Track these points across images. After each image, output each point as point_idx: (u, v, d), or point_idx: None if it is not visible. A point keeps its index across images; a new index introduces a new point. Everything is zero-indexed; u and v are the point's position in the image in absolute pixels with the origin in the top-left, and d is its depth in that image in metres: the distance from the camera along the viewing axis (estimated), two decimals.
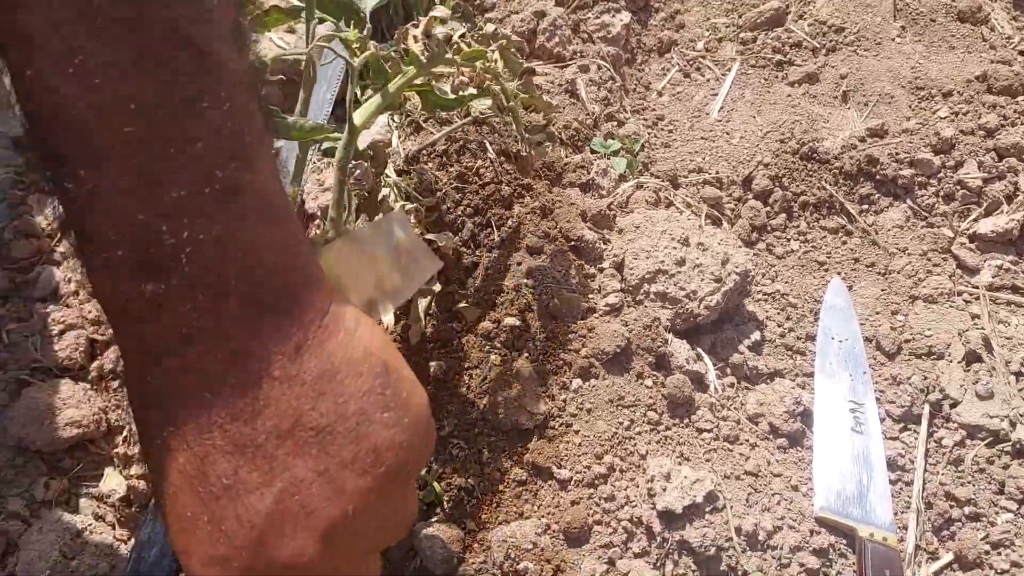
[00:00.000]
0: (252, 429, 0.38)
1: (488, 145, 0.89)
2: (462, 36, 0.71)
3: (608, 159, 0.97)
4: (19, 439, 0.76)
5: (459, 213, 0.87)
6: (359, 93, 0.72)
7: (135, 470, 0.78)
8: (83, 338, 0.82)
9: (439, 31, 0.70)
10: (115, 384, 0.82)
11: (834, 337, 0.87)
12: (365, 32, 0.68)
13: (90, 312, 0.85)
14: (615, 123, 1.05)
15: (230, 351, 0.37)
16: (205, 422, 0.37)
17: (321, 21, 0.71)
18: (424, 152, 0.91)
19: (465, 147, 0.89)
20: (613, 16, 1.15)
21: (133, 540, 0.70)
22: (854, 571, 0.73)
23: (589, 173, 0.93)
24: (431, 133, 0.92)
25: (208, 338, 0.37)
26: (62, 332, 0.82)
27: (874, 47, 1.17)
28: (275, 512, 0.39)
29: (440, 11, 0.72)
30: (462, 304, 0.84)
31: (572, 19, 1.12)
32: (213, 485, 0.38)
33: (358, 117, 0.68)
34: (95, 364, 0.82)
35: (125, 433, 0.80)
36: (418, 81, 0.70)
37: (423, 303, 0.85)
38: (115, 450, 0.78)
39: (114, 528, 0.75)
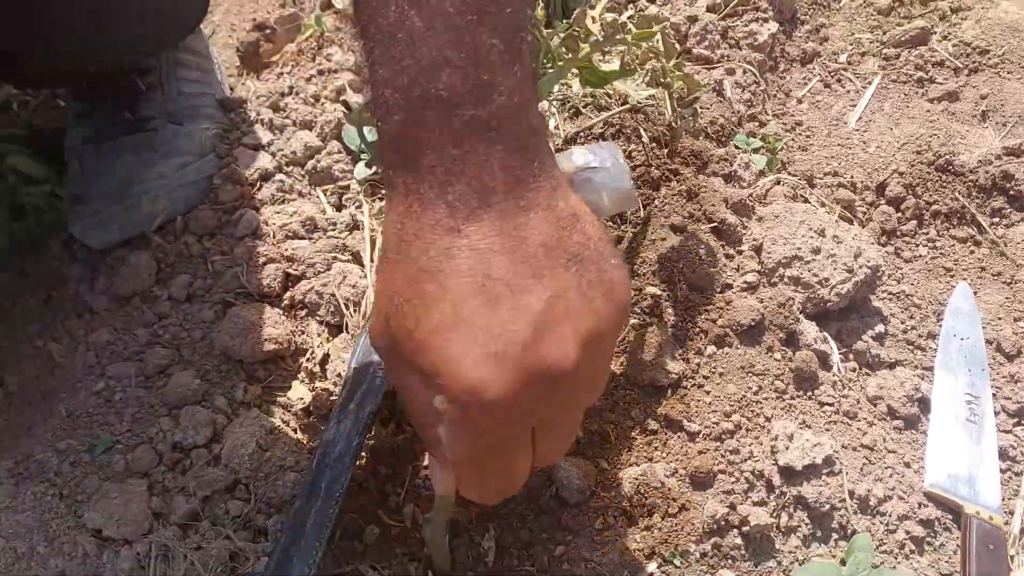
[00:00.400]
0: (525, 242, 0.47)
1: (642, 131, 0.98)
2: (630, 18, 0.81)
3: (750, 155, 1.04)
4: (224, 349, 0.90)
5: None
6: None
7: (317, 384, 0.90)
8: (280, 271, 0.96)
9: (610, 16, 0.80)
10: (303, 312, 0.94)
11: (956, 335, 0.91)
12: (543, 12, 0.79)
13: (286, 250, 0.98)
14: (757, 123, 1.12)
15: (513, 176, 0.47)
16: (488, 230, 0.47)
17: None
18: (582, 134, 1.00)
19: (620, 131, 0.98)
20: (761, 25, 1.22)
21: (319, 439, 0.82)
22: (958, 544, 0.78)
23: (732, 165, 1.01)
24: (589, 118, 1.01)
25: (493, 162, 0.47)
26: (263, 264, 0.96)
27: (1018, 70, 1.20)
28: (547, 312, 0.46)
29: None
30: None
31: (722, 25, 1.20)
32: (496, 283, 0.46)
33: (541, 86, 0.79)
34: (287, 294, 0.96)
35: (309, 353, 0.93)
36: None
37: None
38: (301, 366, 0.91)
39: (296, 432, 0.87)
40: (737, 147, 1.05)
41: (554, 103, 1.06)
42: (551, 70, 0.79)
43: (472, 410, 0.48)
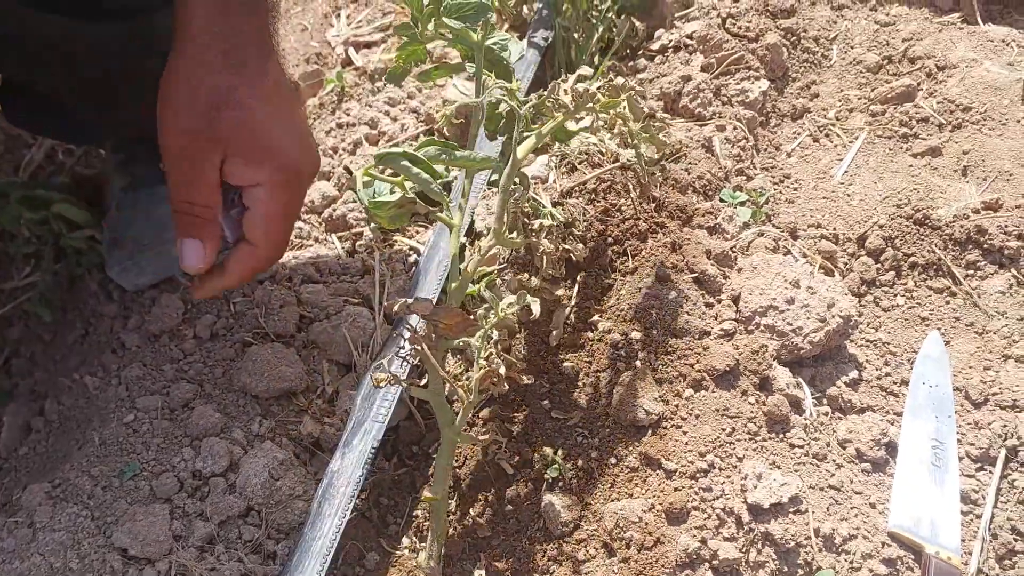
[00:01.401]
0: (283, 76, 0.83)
1: (631, 188, 1.05)
2: (599, 88, 0.89)
3: (735, 208, 1.11)
4: (243, 385, 0.98)
5: (601, 241, 1.04)
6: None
7: (326, 420, 0.98)
8: (295, 315, 1.04)
9: (581, 86, 0.88)
10: (315, 352, 1.02)
11: (925, 382, 0.97)
12: (515, 84, 0.87)
13: (302, 293, 1.06)
14: (744, 177, 1.19)
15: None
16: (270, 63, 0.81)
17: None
18: (576, 188, 1.08)
19: (612, 187, 1.06)
20: (752, 83, 1.29)
21: (325, 471, 0.89)
22: None
23: (716, 218, 1.08)
24: (584, 173, 1.09)
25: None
26: (281, 307, 1.04)
27: (999, 127, 1.25)
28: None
29: (585, 71, 0.90)
30: (595, 317, 1.00)
31: (715, 84, 1.27)
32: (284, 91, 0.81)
33: (520, 151, 0.87)
34: (301, 335, 1.04)
35: (320, 390, 1.00)
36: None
37: (563, 315, 1.02)
38: (312, 402, 0.99)
39: (306, 464, 0.95)
40: (723, 200, 1.12)
41: (552, 158, 1.14)
42: (528, 136, 0.87)
43: (297, 179, 0.83)
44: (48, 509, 0.85)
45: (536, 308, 0.86)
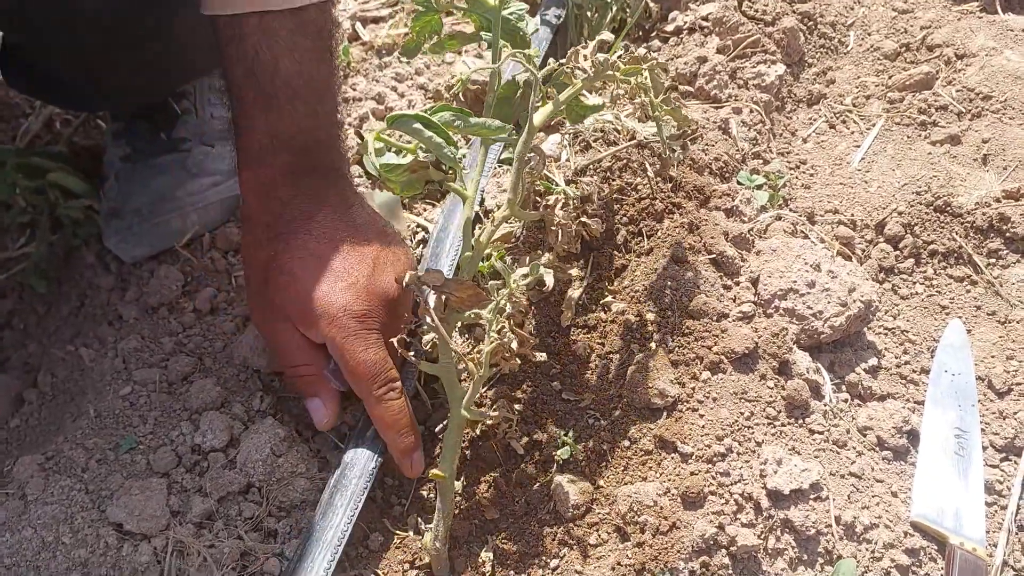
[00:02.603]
0: (354, 221, 0.87)
1: (648, 166, 1.02)
2: (619, 57, 0.86)
3: (752, 191, 1.08)
4: (243, 359, 0.95)
5: (615, 221, 1.01)
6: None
7: None
8: None
9: (601, 55, 0.85)
10: None
11: (947, 371, 0.94)
12: (534, 51, 0.84)
13: None
14: (761, 161, 1.16)
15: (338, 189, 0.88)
16: (330, 214, 0.86)
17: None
18: (591, 167, 1.05)
19: (627, 166, 1.03)
20: (768, 67, 1.27)
21: (338, 460, 0.86)
22: (941, 574, 0.81)
23: (734, 200, 1.05)
24: (598, 152, 1.06)
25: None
26: None
27: (1019, 116, 1.23)
28: (375, 260, 0.84)
29: (606, 35, 0.87)
30: (608, 298, 0.98)
31: (730, 66, 1.25)
32: (343, 244, 0.84)
33: (537, 118, 0.84)
34: None
35: None
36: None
37: (575, 294, 0.99)
38: None
39: (308, 443, 0.92)
40: (740, 183, 1.09)
41: (566, 136, 1.11)
42: (542, 106, 0.84)
43: (346, 319, 0.81)
44: (40, 481, 0.82)
45: (550, 280, 0.83)
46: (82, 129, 1.30)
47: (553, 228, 0.90)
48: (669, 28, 1.34)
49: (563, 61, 0.84)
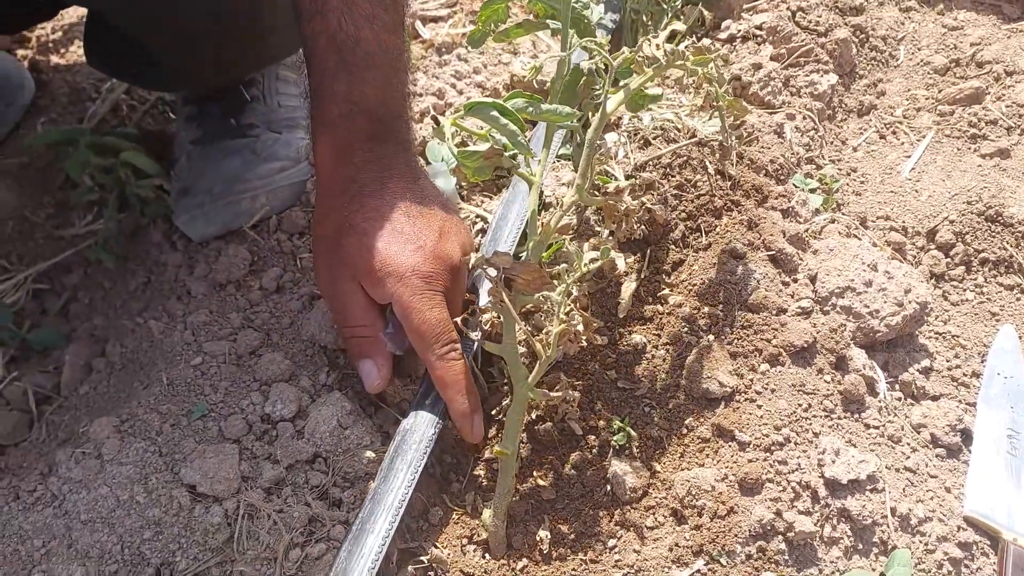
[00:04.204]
0: (422, 191, 0.91)
1: (707, 164, 1.05)
2: (686, 47, 0.89)
3: (807, 194, 1.10)
4: (311, 335, 0.97)
5: (674, 216, 1.03)
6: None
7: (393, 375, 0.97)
8: None
9: (668, 46, 0.88)
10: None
11: (1000, 373, 0.96)
12: (603, 39, 0.87)
13: None
14: (814, 166, 1.18)
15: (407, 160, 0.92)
16: (400, 182, 0.89)
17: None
18: (651, 163, 1.08)
19: (687, 163, 1.05)
20: (821, 76, 1.29)
21: (399, 428, 0.88)
22: (994, 569, 0.82)
23: (789, 202, 1.07)
24: (658, 148, 1.09)
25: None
26: None
27: None
28: (441, 228, 0.88)
29: (678, 25, 0.90)
30: (665, 291, 1.00)
31: (784, 74, 1.27)
32: (412, 210, 0.88)
33: (610, 104, 0.86)
34: None
35: None
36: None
37: (631, 287, 1.01)
38: None
39: (371, 418, 0.94)
40: (795, 186, 1.11)
41: (624, 134, 1.14)
42: (613, 94, 0.87)
43: (414, 279, 0.84)
44: (116, 443, 0.85)
45: (621, 263, 0.85)
46: (150, 114, 1.34)
47: (617, 214, 0.92)
48: (722, 36, 1.37)
49: (634, 49, 0.86)
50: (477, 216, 1.13)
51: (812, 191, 1.13)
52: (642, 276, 1.01)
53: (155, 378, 0.93)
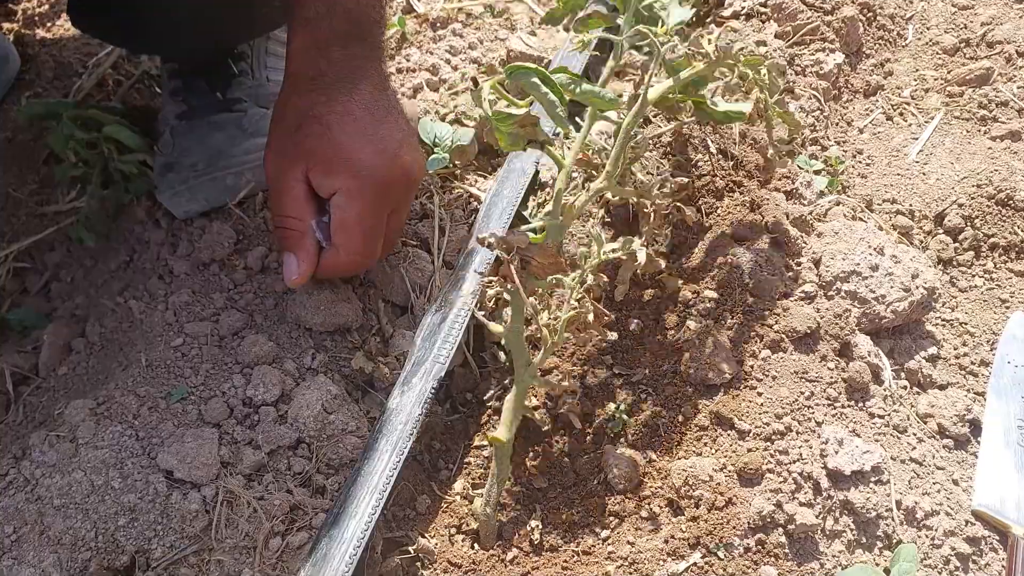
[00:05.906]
0: (391, 97, 0.90)
1: (710, 142, 1.01)
2: (740, 49, 0.85)
3: (811, 175, 1.07)
4: (297, 317, 0.94)
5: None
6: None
7: (380, 360, 0.94)
8: None
9: (722, 42, 0.85)
10: (372, 291, 0.98)
11: (1010, 362, 0.92)
12: (662, 28, 0.83)
13: None
14: (819, 147, 1.15)
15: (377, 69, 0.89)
16: (370, 85, 0.87)
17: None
18: (651, 141, 1.04)
19: (688, 142, 1.02)
20: (827, 55, 1.25)
21: (383, 408, 0.85)
22: (1003, 565, 0.79)
23: (794, 183, 1.03)
24: (658, 127, 1.05)
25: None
26: None
27: None
28: (404, 138, 0.87)
29: (735, 23, 0.87)
30: (664, 274, 0.96)
31: (788, 52, 1.23)
32: (378, 112, 0.86)
33: (652, 93, 0.83)
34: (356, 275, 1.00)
35: (374, 329, 0.96)
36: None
37: (629, 270, 0.98)
38: (367, 340, 0.95)
39: (358, 403, 0.91)
40: (800, 167, 1.08)
41: (621, 115, 1.10)
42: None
43: (368, 179, 0.83)
44: (91, 426, 0.81)
45: (642, 255, 0.82)
46: (136, 88, 1.30)
47: (647, 211, 0.89)
48: (726, 13, 1.33)
49: (687, 44, 0.83)
50: (470, 196, 1.10)
51: (817, 172, 1.09)
52: (641, 261, 0.98)
53: (134, 359, 0.89)
